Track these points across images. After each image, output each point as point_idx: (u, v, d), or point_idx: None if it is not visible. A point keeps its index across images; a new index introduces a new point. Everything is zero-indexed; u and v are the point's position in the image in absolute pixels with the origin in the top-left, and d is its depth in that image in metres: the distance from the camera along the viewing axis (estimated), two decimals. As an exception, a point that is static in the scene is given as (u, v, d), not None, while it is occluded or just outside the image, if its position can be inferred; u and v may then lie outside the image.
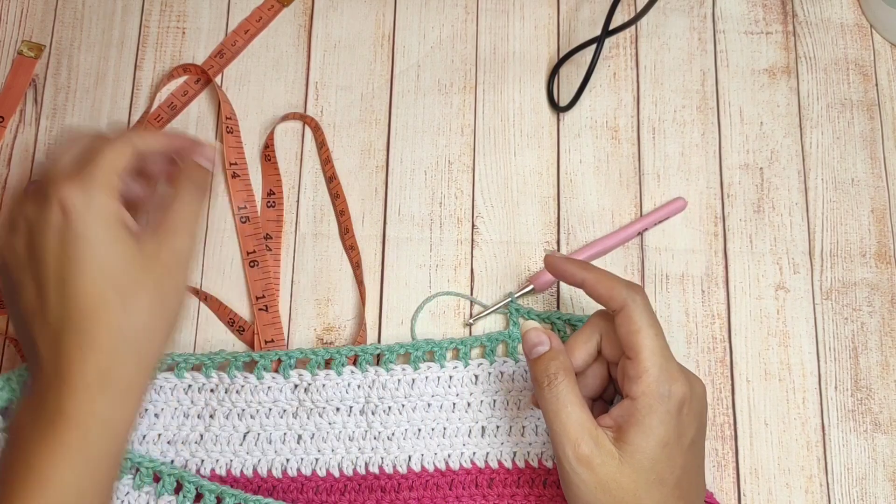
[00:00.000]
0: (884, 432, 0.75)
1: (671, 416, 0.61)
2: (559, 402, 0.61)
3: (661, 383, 0.61)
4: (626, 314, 0.63)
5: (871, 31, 0.86)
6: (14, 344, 0.75)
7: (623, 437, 0.61)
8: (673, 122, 0.83)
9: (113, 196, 0.61)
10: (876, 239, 0.80)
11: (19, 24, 0.85)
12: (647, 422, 0.61)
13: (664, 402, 0.61)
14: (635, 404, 0.61)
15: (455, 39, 0.85)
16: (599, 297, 0.65)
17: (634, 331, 0.62)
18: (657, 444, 0.60)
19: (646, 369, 0.61)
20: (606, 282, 0.65)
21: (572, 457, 0.60)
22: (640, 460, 0.60)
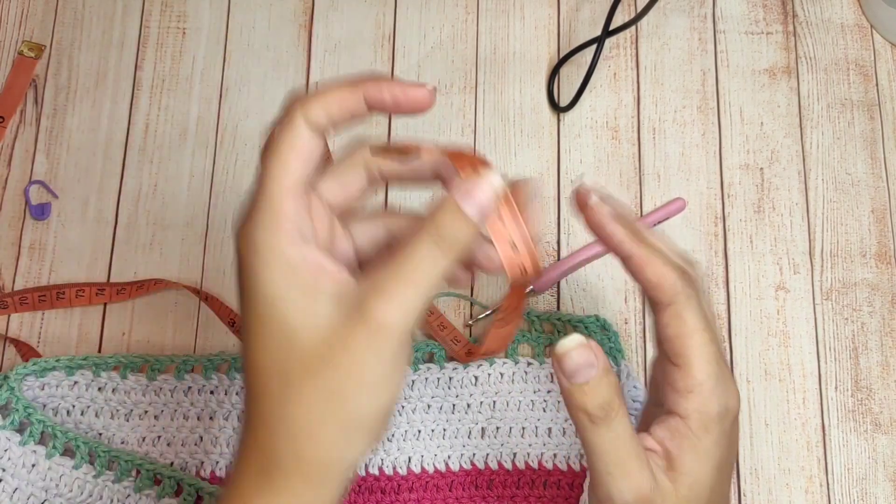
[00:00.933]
0: (884, 432, 0.75)
1: (726, 436, 0.50)
2: (618, 439, 0.48)
3: (718, 400, 0.50)
4: (675, 312, 0.50)
5: (871, 31, 0.86)
6: (14, 344, 0.75)
7: (675, 466, 0.50)
8: (673, 123, 0.83)
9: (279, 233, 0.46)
10: (876, 239, 0.80)
11: (20, 25, 0.85)
12: (703, 446, 0.49)
13: (721, 422, 0.50)
14: (687, 424, 0.49)
15: (455, 40, 0.85)
16: (646, 283, 0.51)
17: (685, 334, 0.50)
18: (713, 469, 0.50)
19: (700, 383, 0.49)
20: (658, 266, 0.50)
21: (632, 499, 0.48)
22: (699, 492, 0.50)
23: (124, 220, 0.80)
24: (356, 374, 0.45)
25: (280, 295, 0.45)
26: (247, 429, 0.47)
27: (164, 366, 0.73)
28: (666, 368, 0.51)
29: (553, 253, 0.79)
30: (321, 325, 0.45)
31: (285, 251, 0.46)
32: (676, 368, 0.50)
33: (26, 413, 0.69)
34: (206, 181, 0.81)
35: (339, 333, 0.45)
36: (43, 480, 0.68)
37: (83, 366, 0.72)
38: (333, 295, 0.45)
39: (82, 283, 0.77)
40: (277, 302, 0.45)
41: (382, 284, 0.45)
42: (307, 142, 0.48)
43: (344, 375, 0.45)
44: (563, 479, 0.71)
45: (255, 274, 0.46)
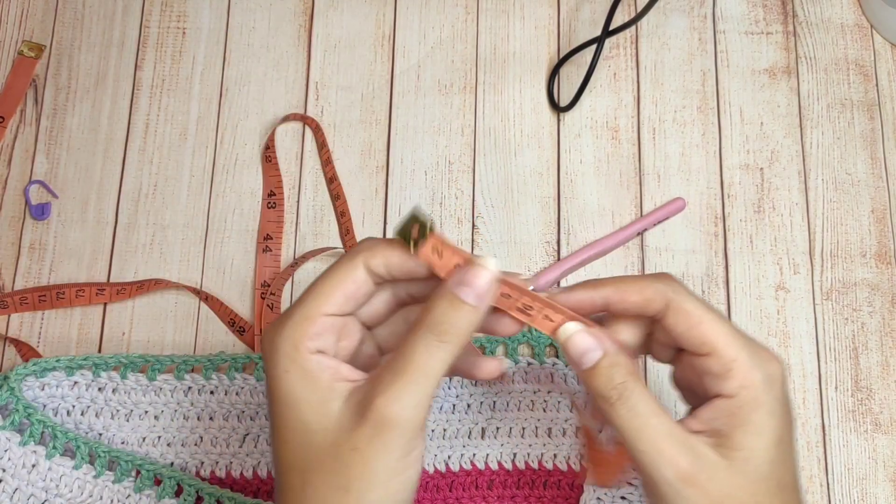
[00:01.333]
0: (884, 432, 0.75)
1: (779, 404, 0.50)
2: (639, 417, 0.50)
3: (757, 369, 0.50)
4: (676, 309, 0.51)
5: (871, 31, 0.86)
6: (14, 344, 0.75)
7: (728, 443, 0.49)
8: (673, 123, 0.83)
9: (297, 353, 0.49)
10: (876, 239, 0.80)
11: (20, 25, 0.85)
12: (756, 418, 0.49)
13: (769, 390, 0.50)
14: (736, 402, 0.50)
15: (455, 39, 0.85)
16: (634, 306, 0.52)
17: (696, 323, 0.51)
18: (772, 443, 0.50)
19: (734, 359, 0.50)
20: (633, 285, 0.52)
21: (674, 478, 0.48)
22: (758, 466, 0.49)
23: (124, 220, 0.80)
24: (364, 469, 0.47)
25: (298, 398, 0.49)
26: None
27: (165, 366, 0.73)
28: (695, 366, 0.52)
29: (553, 253, 0.79)
30: (333, 424, 0.48)
31: (304, 361, 0.49)
32: (706, 358, 0.50)
33: (26, 413, 0.69)
34: (206, 181, 0.81)
35: (348, 431, 0.48)
36: (43, 481, 0.68)
37: (83, 366, 0.72)
38: (346, 396, 0.49)
39: (82, 283, 0.77)
40: (295, 404, 0.49)
41: (385, 381, 0.48)
42: (360, 284, 0.51)
43: (353, 472, 0.47)
44: (564, 479, 0.71)
45: (277, 378, 0.49)
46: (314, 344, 0.50)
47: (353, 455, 0.48)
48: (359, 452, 0.48)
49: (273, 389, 0.50)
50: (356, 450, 0.48)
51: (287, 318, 0.50)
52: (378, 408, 0.47)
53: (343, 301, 0.51)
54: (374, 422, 0.47)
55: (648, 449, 0.49)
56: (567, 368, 0.74)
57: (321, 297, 0.50)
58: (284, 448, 0.50)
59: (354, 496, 0.48)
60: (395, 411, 0.47)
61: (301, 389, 0.49)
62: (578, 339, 0.51)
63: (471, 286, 0.49)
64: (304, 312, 0.50)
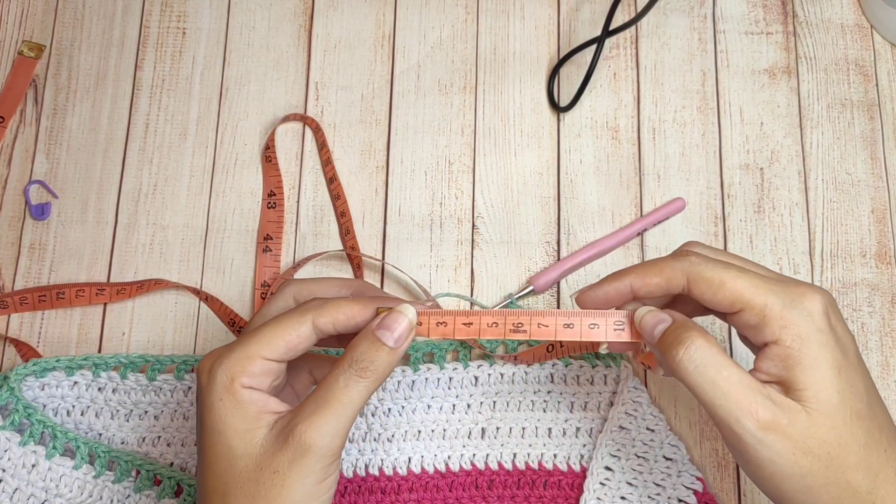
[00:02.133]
0: (884, 432, 0.75)
1: (826, 334, 0.52)
2: (711, 367, 0.51)
3: (791, 307, 0.52)
4: (696, 281, 0.54)
5: (871, 31, 0.86)
6: (14, 344, 0.75)
7: (793, 386, 0.51)
8: (673, 123, 0.83)
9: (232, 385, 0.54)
10: (876, 239, 0.80)
11: (20, 25, 0.85)
12: (808, 354, 0.51)
13: (811, 323, 0.52)
14: (783, 345, 0.52)
15: (455, 39, 0.85)
16: (658, 287, 0.56)
17: (718, 288, 0.54)
18: (833, 374, 0.51)
19: (765, 305, 0.52)
20: (652, 268, 0.56)
21: (754, 427, 0.50)
22: (828, 400, 0.51)
23: (124, 220, 0.80)
24: (282, 491, 0.52)
25: (227, 425, 0.53)
26: None
27: (165, 366, 0.73)
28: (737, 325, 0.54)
29: (553, 253, 0.79)
30: (256, 450, 0.53)
31: (237, 393, 0.54)
32: (741, 314, 0.53)
33: (26, 413, 0.69)
34: (206, 181, 0.81)
35: (270, 457, 0.53)
36: (43, 481, 0.68)
37: (83, 366, 0.72)
38: (271, 425, 0.54)
39: (82, 283, 0.77)
40: (224, 431, 0.53)
41: (307, 410, 0.53)
42: (303, 339, 0.56)
43: (272, 493, 0.52)
44: (564, 479, 0.71)
45: (210, 405, 0.54)
46: (249, 381, 0.54)
47: (274, 478, 0.52)
48: (279, 475, 0.52)
49: (204, 416, 0.54)
50: (277, 472, 0.52)
51: (228, 353, 0.55)
52: (299, 434, 0.52)
53: (284, 350, 0.55)
54: (294, 447, 0.52)
55: (725, 402, 0.51)
56: (566, 369, 0.74)
57: (264, 342, 0.55)
58: (209, 473, 0.54)
59: None
60: (315, 438, 0.52)
61: (231, 418, 0.53)
62: (650, 316, 0.55)
63: (390, 330, 0.55)
64: (245, 352, 0.54)
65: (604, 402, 0.73)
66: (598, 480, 0.70)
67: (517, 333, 0.58)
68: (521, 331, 0.58)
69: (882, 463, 0.52)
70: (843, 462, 0.51)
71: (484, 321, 0.58)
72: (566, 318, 0.58)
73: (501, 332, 0.58)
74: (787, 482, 0.51)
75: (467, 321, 0.59)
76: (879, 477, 0.52)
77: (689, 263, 0.55)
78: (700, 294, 0.54)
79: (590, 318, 0.58)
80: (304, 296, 0.61)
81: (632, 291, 0.57)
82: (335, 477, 0.55)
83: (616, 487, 0.70)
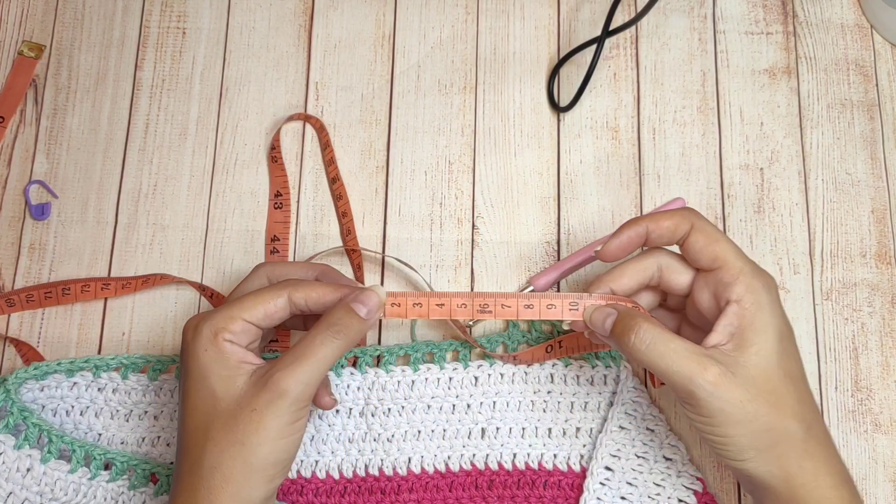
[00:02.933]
0: (884, 433, 0.75)
1: (777, 306, 0.62)
2: (658, 344, 0.60)
3: (760, 278, 0.62)
4: (697, 230, 0.64)
5: (871, 31, 0.86)
6: (14, 344, 0.75)
7: (743, 343, 0.60)
8: (673, 123, 0.83)
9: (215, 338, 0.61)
10: (876, 239, 0.80)
11: (20, 25, 0.85)
12: (761, 318, 0.61)
13: (768, 293, 0.62)
14: (742, 305, 0.61)
15: (455, 40, 0.85)
16: (668, 231, 0.64)
17: (712, 241, 0.63)
18: (776, 338, 0.61)
19: (740, 269, 0.62)
20: (664, 214, 0.65)
21: (706, 384, 0.58)
22: (768, 357, 0.60)
23: (124, 220, 0.80)
24: (259, 428, 0.59)
25: (210, 370, 0.61)
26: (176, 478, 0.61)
27: (165, 366, 0.73)
28: (707, 281, 0.64)
29: (553, 253, 0.79)
30: (237, 393, 0.60)
31: (220, 344, 0.61)
32: (717, 270, 0.63)
33: (22, 416, 0.69)
34: (206, 181, 0.81)
35: (250, 398, 0.60)
36: (38, 485, 0.68)
37: (83, 368, 0.72)
38: (249, 373, 0.61)
39: (87, 279, 0.77)
40: (207, 376, 0.61)
41: (285, 361, 0.60)
42: (278, 309, 0.64)
43: (250, 429, 0.59)
44: (564, 479, 0.71)
45: (196, 355, 0.61)
46: (230, 336, 0.62)
47: (252, 415, 0.59)
48: (257, 413, 0.59)
49: (190, 365, 0.62)
50: (255, 411, 0.59)
51: (213, 314, 0.63)
52: (277, 380, 0.59)
53: (262, 316, 0.63)
54: (271, 390, 0.59)
55: (678, 368, 0.59)
56: (566, 369, 0.74)
57: (245, 307, 0.63)
58: (193, 414, 0.61)
59: (248, 449, 0.59)
60: (291, 385, 0.60)
61: (214, 364, 0.61)
62: (597, 313, 0.64)
63: (364, 304, 0.63)
64: (228, 313, 0.62)
65: (604, 403, 0.73)
66: (598, 480, 0.70)
67: (483, 313, 0.66)
68: (486, 311, 0.66)
69: (813, 419, 0.61)
70: (782, 410, 0.60)
71: (454, 302, 0.66)
72: (526, 300, 0.66)
73: (470, 313, 0.66)
74: (735, 427, 0.59)
75: (440, 302, 0.67)
76: (812, 429, 0.61)
77: (694, 216, 0.64)
78: (695, 241, 0.64)
79: (547, 300, 0.66)
80: (277, 276, 0.68)
81: (646, 235, 0.65)
82: (304, 421, 0.62)
83: (616, 487, 0.70)
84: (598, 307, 0.64)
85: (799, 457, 0.60)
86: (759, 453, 0.60)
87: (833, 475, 0.60)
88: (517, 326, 0.75)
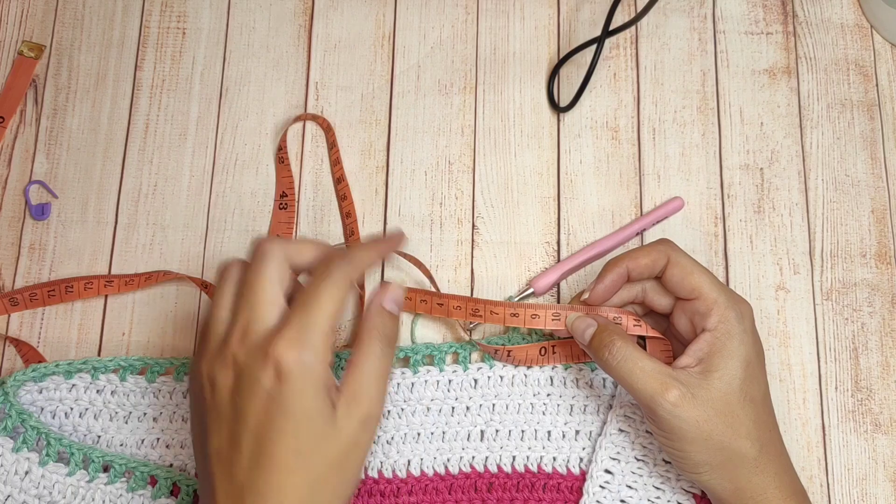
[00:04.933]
0: (884, 433, 0.75)
1: (748, 336, 0.65)
2: (629, 361, 0.64)
3: (732, 307, 0.65)
4: (673, 263, 0.67)
5: (871, 31, 0.86)
6: (14, 344, 0.75)
7: (709, 368, 0.64)
8: (673, 123, 0.83)
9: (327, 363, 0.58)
10: (876, 239, 0.80)
11: (20, 25, 0.85)
12: (730, 346, 0.64)
13: (740, 324, 0.65)
14: (715, 334, 0.65)
15: (455, 40, 0.85)
16: (646, 267, 0.68)
17: (688, 273, 0.66)
18: (742, 365, 0.64)
19: (714, 300, 0.65)
20: (641, 251, 0.68)
21: (667, 404, 0.62)
22: (731, 381, 0.64)
23: (124, 220, 0.80)
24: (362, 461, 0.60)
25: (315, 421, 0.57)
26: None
27: (164, 368, 0.73)
28: (686, 309, 0.67)
29: (553, 253, 0.79)
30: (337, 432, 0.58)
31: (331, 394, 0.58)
32: (693, 301, 0.66)
33: (20, 419, 0.69)
34: (206, 181, 0.81)
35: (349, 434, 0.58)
36: (36, 488, 0.68)
37: (82, 370, 0.72)
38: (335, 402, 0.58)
39: (90, 276, 0.77)
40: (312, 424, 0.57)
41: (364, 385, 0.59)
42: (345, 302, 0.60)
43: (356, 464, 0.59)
44: (563, 482, 0.71)
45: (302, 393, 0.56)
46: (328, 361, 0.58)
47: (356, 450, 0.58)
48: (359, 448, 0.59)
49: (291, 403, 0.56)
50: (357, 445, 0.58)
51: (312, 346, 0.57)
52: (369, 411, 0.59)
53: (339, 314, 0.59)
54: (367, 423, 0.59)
55: (644, 386, 0.63)
56: (566, 372, 0.74)
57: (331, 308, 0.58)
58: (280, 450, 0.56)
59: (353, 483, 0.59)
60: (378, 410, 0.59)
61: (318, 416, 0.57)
62: (578, 322, 0.68)
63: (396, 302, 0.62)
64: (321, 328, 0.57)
65: (603, 406, 0.73)
66: (598, 483, 0.70)
67: (475, 317, 0.71)
68: (477, 315, 0.71)
69: (769, 438, 0.65)
70: (736, 431, 0.63)
71: (452, 304, 0.72)
72: (512, 309, 0.70)
73: (464, 315, 0.71)
74: (691, 445, 0.63)
75: (440, 302, 0.73)
76: (766, 448, 0.65)
77: (670, 249, 0.68)
78: (671, 275, 0.67)
79: (532, 310, 0.70)
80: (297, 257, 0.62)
81: (627, 273, 0.68)
82: None
83: (616, 490, 0.70)
84: (579, 316, 0.69)
85: (749, 473, 0.64)
86: (711, 468, 0.64)
87: (782, 488, 0.65)
88: (517, 330, 0.75)
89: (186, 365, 0.73)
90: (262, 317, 0.58)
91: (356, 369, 0.59)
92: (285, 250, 0.60)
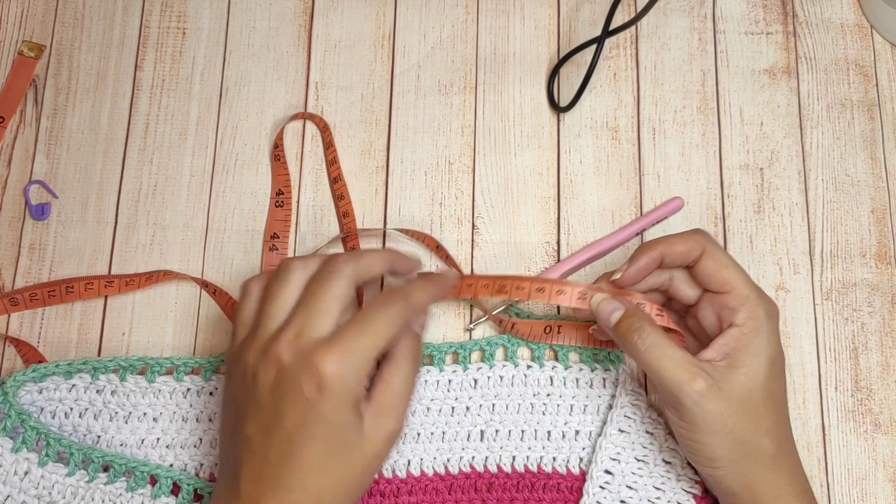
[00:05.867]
0: (884, 433, 0.75)
1: (774, 334, 0.66)
2: (658, 349, 0.64)
3: (762, 305, 0.66)
4: (708, 254, 0.67)
5: (871, 31, 0.86)
6: (14, 344, 0.75)
7: (735, 363, 0.64)
8: (673, 123, 0.83)
9: (363, 384, 0.61)
10: (876, 239, 0.80)
11: (20, 25, 0.85)
12: (757, 343, 0.65)
13: (768, 322, 0.66)
14: (743, 330, 0.65)
15: (455, 40, 0.85)
16: (681, 255, 0.68)
17: (722, 266, 0.67)
18: (767, 363, 0.65)
19: (746, 296, 0.66)
20: (677, 238, 0.68)
21: (693, 394, 0.62)
22: (755, 378, 0.64)
23: (124, 220, 0.80)
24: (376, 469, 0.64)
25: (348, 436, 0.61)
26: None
27: (164, 368, 0.73)
28: (715, 302, 0.67)
29: (553, 253, 0.79)
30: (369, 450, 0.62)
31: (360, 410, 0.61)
32: (724, 295, 0.67)
33: (20, 419, 0.69)
34: (206, 181, 0.81)
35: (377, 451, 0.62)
36: (35, 488, 0.68)
37: (82, 370, 0.72)
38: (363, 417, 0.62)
39: (90, 277, 0.77)
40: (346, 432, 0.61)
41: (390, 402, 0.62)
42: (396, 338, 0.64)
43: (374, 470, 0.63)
44: (563, 482, 0.71)
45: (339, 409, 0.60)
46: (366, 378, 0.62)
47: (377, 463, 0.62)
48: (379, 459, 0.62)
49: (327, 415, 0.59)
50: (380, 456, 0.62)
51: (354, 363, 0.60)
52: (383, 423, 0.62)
53: None
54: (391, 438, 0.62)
55: (671, 374, 0.63)
56: (566, 372, 0.74)
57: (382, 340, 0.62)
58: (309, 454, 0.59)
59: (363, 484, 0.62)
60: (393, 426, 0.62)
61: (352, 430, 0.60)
62: (604, 304, 0.67)
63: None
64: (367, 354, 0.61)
65: (603, 406, 0.73)
66: (598, 484, 0.70)
67: (501, 293, 0.71)
68: (504, 291, 0.71)
69: (785, 439, 0.66)
70: (758, 428, 0.64)
71: (480, 283, 0.72)
72: (539, 283, 0.70)
73: (491, 292, 0.71)
74: (713, 437, 0.63)
75: (470, 282, 0.73)
76: (783, 447, 0.65)
77: (706, 240, 0.68)
78: (705, 266, 0.67)
79: (558, 286, 0.69)
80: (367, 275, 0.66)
81: (661, 258, 0.68)
82: None
83: (616, 491, 0.70)
84: (606, 298, 0.67)
85: (766, 470, 0.64)
86: (729, 463, 0.64)
87: (795, 486, 0.65)
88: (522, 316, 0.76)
89: (187, 365, 0.73)
90: (317, 326, 0.61)
91: (387, 385, 0.62)
92: (356, 271, 0.64)
